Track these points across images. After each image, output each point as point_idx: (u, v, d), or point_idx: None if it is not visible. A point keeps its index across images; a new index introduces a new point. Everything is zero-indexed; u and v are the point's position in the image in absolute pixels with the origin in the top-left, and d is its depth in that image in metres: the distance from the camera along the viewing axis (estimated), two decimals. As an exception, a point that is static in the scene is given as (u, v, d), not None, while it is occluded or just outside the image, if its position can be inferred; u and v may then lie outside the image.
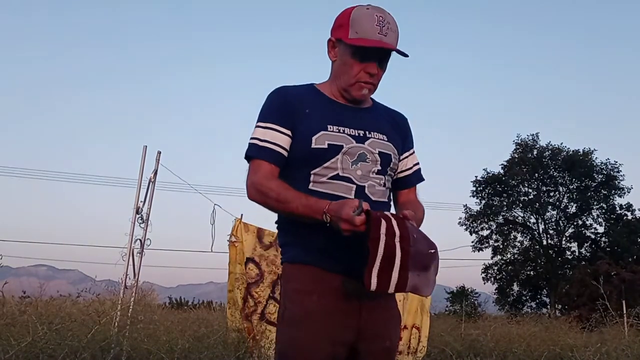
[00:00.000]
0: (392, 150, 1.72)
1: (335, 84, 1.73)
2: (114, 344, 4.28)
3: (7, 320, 4.17)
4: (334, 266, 1.59)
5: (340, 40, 1.66)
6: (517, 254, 30.67)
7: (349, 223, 1.44)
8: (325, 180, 1.62)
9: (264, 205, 1.63)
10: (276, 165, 1.65)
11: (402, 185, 1.83)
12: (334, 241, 1.56)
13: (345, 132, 1.66)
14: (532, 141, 30.71)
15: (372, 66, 1.65)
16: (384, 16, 1.63)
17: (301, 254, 1.63)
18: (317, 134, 1.63)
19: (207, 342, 4.97)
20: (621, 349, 6.14)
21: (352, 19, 1.64)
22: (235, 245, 5.68)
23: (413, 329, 6.62)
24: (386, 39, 1.62)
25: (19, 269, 42.20)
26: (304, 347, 1.55)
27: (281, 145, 1.65)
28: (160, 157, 5.34)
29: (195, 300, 19.07)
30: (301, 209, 1.54)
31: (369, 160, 1.66)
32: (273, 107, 1.70)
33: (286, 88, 1.75)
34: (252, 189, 1.63)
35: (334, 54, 1.71)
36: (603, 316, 7.77)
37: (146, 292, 6.13)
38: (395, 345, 1.70)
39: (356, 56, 1.64)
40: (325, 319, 1.56)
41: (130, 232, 5.07)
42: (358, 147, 1.66)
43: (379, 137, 1.70)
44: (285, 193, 1.57)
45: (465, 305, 15.98)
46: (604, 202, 29.77)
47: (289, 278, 1.66)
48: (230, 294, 5.67)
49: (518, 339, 7.01)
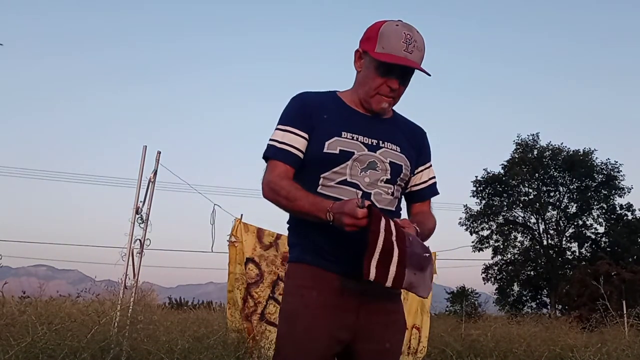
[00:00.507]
0: (404, 162, 1.76)
1: (356, 94, 1.77)
2: (114, 344, 4.27)
3: (6, 320, 4.16)
4: (336, 267, 1.63)
5: (367, 52, 1.70)
6: (518, 254, 30.69)
7: (351, 216, 1.47)
8: (333, 184, 1.67)
9: (275, 203, 1.68)
10: (291, 166, 1.71)
11: (416, 198, 1.87)
12: (337, 243, 1.61)
13: (359, 140, 1.70)
14: (532, 141, 30.76)
15: (394, 82, 1.69)
16: (411, 34, 1.67)
17: (305, 254, 1.68)
18: (330, 139, 1.68)
19: (207, 343, 4.96)
20: (621, 349, 6.13)
21: (381, 34, 1.67)
22: (235, 245, 5.68)
23: (413, 329, 6.61)
24: (411, 56, 1.65)
25: (19, 269, 42.32)
26: (301, 338, 1.60)
27: (298, 148, 1.71)
28: (160, 157, 5.33)
29: (195, 300, 19.10)
30: (307, 207, 1.59)
31: (378, 169, 1.70)
32: (293, 111, 1.76)
33: (307, 94, 1.80)
34: (266, 187, 1.69)
35: (360, 64, 1.75)
36: (603, 316, 7.76)
37: (146, 292, 6.11)
38: (396, 350, 1.71)
39: (380, 70, 1.68)
40: (323, 313, 1.60)
41: (130, 232, 5.06)
42: (369, 155, 1.70)
43: (392, 148, 1.74)
44: (295, 192, 1.62)
45: (466, 305, 16.02)
46: (604, 202, 29.80)
47: (291, 275, 1.72)
48: (230, 294, 5.67)
49: (518, 339, 7.00)
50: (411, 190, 1.86)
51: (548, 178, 30.67)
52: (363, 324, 1.63)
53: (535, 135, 30.81)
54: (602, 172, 29.75)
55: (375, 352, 1.64)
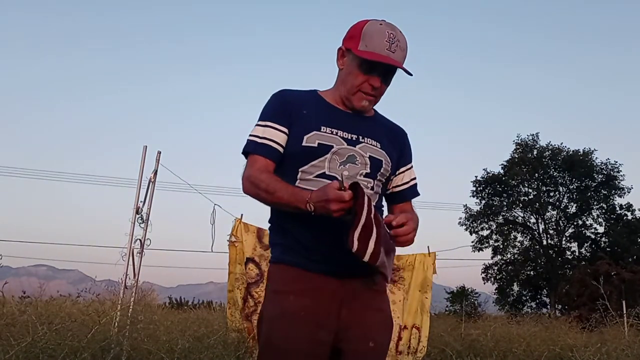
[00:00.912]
0: (384, 157, 1.75)
1: (338, 91, 1.78)
2: (114, 344, 4.27)
3: (7, 320, 4.16)
4: (315, 266, 1.62)
5: (350, 50, 1.71)
6: (517, 254, 30.68)
7: (338, 201, 1.45)
8: (311, 178, 1.66)
9: (256, 196, 1.67)
10: (272, 160, 1.70)
11: (398, 199, 1.87)
12: (319, 239, 1.60)
13: (338, 135, 1.70)
14: (532, 141, 30.74)
15: (376, 80, 1.70)
16: (395, 33, 1.67)
17: (285, 254, 1.67)
18: (309, 133, 1.68)
19: (207, 342, 4.97)
20: (621, 349, 6.13)
21: (364, 32, 1.68)
22: (235, 245, 5.68)
23: (413, 329, 6.61)
24: (394, 55, 1.66)
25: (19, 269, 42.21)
26: (281, 346, 1.59)
27: (278, 142, 1.70)
28: (160, 157, 5.34)
29: (195, 300, 19.07)
30: (286, 197, 1.58)
31: (358, 163, 1.70)
32: (273, 108, 1.76)
33: (287, 91, 1.80)
34: (246, 182, 1.68)
35: (342, 62, 1.76)
36: (603, 316, 7.76)
37: (146, 292, 6.11)
38: (383, 347, 1.69)
39: (362, 68, 1.69)
40: (301, 319, 1.58)
41: (130, 232, 5.07)
42: (348, 149, 1.70)
43: (371, 143, 1.74)
44: (275, 184, 1.62)
45: (465, 305, 16.01)
46: (604, 202, 29.79)
47: (270, 278, 1.71)
48: (230, 294, 5.68)
49: (518, 339, 6.99)
50: (393, 191, 1.85)
51: (548, 178, 30.66)
52: (346, 323, 1.61)
53: (535, 135, 30.84)
54: (602, 172, 29.75)
55: (361, 352, 1.62)
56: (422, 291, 6.66)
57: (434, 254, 6.82)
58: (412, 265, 6.65)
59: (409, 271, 6.63)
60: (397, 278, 6.56)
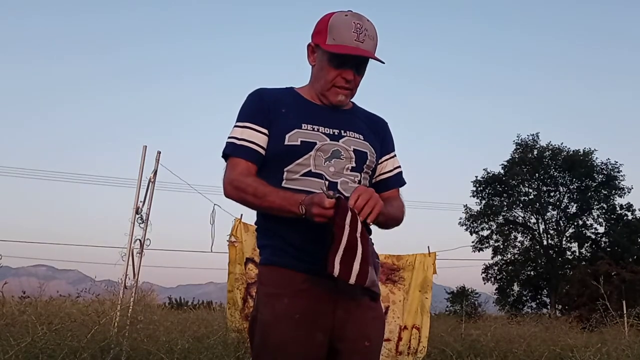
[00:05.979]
0: (369, 149, 1.74)
1: (313, 88, 1.76)
2: (114, 344, 4.27)
3: (6, 321, 4.16)
4: (307, 267, 1.59)
5: (319, 45, 1.69)
6: (518, 254, 30.70)
7: (319, 206, 1.44)
8: (297, 177, 1.64)
9: (241, 201, 1.64)
10: (253, 163, 1.67)
11: (382, 187, 1.82)
12: (308, 239, 1.58)
13: (320, 131, 1.68)
14: (532, 141, 30.76)
15: (349, 72, 1.68)
16: (361, 23, 1.65)
17: (275, 256, 1.64)
18: (291, 132, 1.66)
19: (207, 343, 4.96)
20: (621, 349, 6.13)
21: (330, 26, 1.66)
22: (235, 245, 5.68)
23: (413, 329, 6.60)
24: (363, 45, 1.64)
25: (19, 269, 42.29)
26: (278, 350, 1.56)
27: (258, 144, 1.68)
28: (160, 157, 5.34)
29: (195, 300, 19.04)
30: (278, 202, 1.55)
31: (343, 157, 1.68)
32: (250, 108, 1.73)
33: (264, 90, 1.78)
34: (229, 186, 1.65)
35: (313, 59, 1.74)
36: (603, 316, 7.75)
37: (146, 292, 6.12)
38: (378, 345, 1.68)
39: (333, 62, 1.66)
40: (297, 321, 1.56)
41: (130, 232, 5.07)
42: (332, 144, 1.67)
43: (354, 136, 1.72)
44: (263, 188, 1.59)
45: (466, 305, 15.98)
46: (604, 202, 29.79)
47: (262, 280, 1.68)
48: (230, 294, 5.67)
49: (518, 339, 6.99)
50: (376, 180, 1.82)
51: (548, 178, 30.67)
52: (341, 323, 1.59)
53: (535, 135, 30.85)
54: (602, 172, 29.75)
55: (357, 351, 1.61)
56: (422, 291, 6.65)
57: (434, 254, 6.82)
58: (412, 265, 6.64)
59: (409, 271, 6.62)
60: (397, 278, 6.55)
